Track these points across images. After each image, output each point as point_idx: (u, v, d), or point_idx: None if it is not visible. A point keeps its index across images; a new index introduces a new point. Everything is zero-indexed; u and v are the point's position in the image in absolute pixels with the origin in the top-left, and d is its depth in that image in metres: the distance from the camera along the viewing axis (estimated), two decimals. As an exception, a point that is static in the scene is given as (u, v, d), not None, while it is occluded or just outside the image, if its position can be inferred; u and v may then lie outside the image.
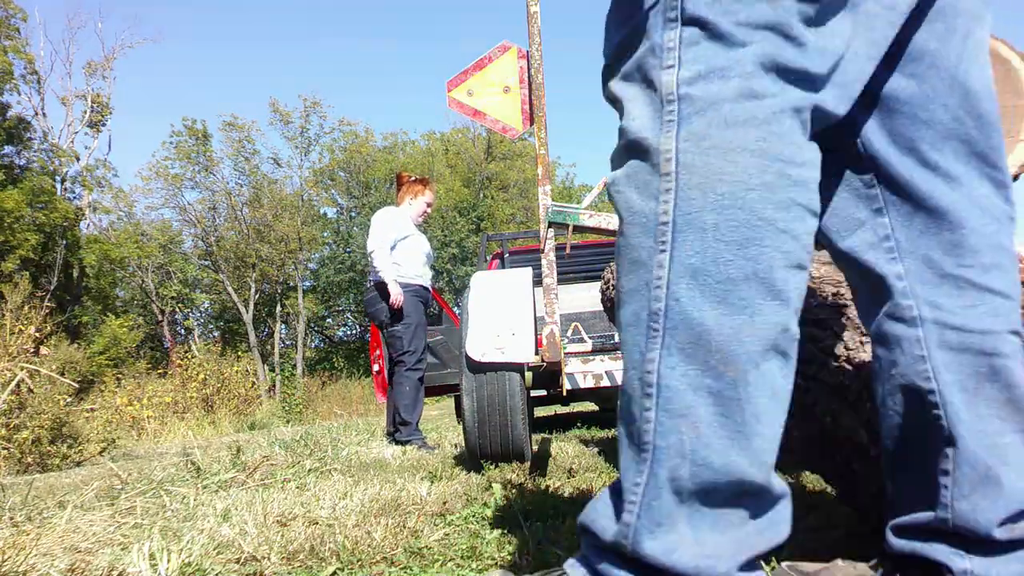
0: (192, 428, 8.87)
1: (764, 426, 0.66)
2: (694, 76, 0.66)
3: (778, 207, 0.65)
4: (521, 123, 2.54)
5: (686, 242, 0.64)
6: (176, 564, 1.33)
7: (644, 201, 0.67)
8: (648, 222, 0.66)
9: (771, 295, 0.65)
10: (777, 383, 0.67)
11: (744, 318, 0.64)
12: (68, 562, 1.39)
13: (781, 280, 0.65)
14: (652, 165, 0.66)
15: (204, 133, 23.56)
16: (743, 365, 0.64)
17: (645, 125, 0.68)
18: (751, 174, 0.64)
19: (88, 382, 10.87)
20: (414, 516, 1.72)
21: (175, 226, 24.18)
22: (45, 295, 7.07)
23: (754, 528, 0.68)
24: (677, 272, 0.65)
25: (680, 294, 0.64)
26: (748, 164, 0.64)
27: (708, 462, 0.64)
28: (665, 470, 0.65)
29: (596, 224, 2.34)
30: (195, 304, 25.23)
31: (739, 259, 0.64)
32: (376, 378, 5.82)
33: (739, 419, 0.65)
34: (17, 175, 19.14)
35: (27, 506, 2.05)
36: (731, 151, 0.64)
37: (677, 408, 0.65)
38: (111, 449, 5.68)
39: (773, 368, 0.66)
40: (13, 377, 4.49)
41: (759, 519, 0.68)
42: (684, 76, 0.66)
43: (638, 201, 0.67)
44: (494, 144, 27.63)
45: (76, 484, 2.98)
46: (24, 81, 20.49)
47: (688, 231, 0.64)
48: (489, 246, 7.47)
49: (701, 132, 0.65)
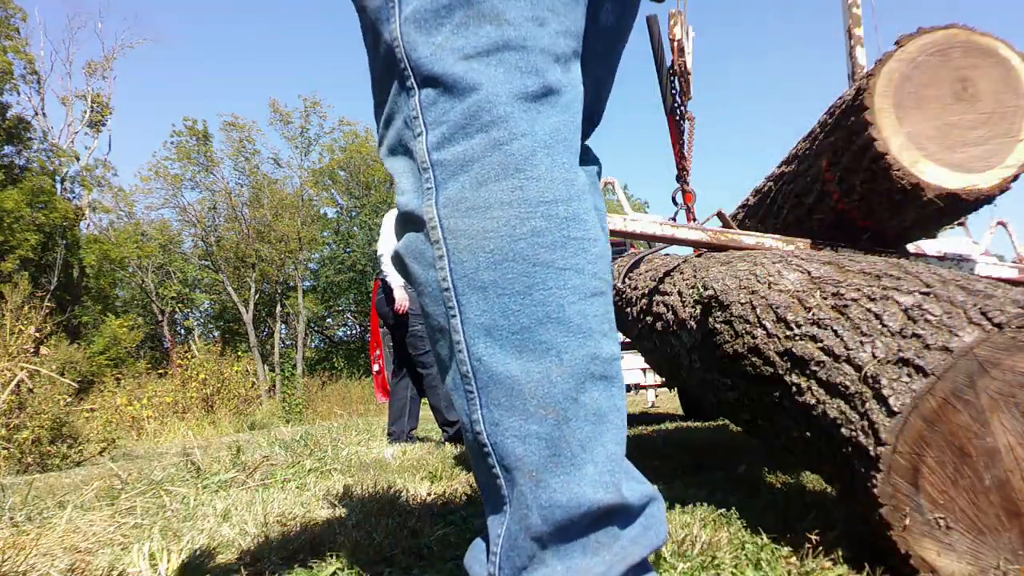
0: (192, 428, 8.87)
1: (594, 452, 0.65)
2: (440, 140, 0.65)
3: (552, 248, 0.64)
4: (521, 123, 2.53)
5: (471, 303, 0.64)
6: (176, 564, 1.33)
7: (424, 271, 0.67)
8: (433, 291, 0.66)
9: (571, 331, 0.65)
10: (600, 406, 0.67)
11: (551, 360, 0.64)
12: (68, 562, 1.39)
13: (577, 314, 0.65)
14: (424, 235, 0.66)
15: (204, 133, 23.56)
16: (561, 403, 0.64)
17: (411, 197, 0.67)
18: (514, 226, 0.63)
19: (88, 382, 10.87)
20: (414, 516, 1.72)
21: (175, 226, 24.19)
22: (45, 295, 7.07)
23: (628, 539, 0.67)
24: (471, 333, 0.65)
25: (481, 353, 0.64)
26: (509, 217, 0.63)
27: (555, 503, 0.64)
28: (517, 522, 0.65)
29: (596, 224, 2.34)
30: (195, 304, 25.23)
31: (527, 307, 0.63)
32: (376, 378, 5.81)
33: (569, 454, 0.64)
34: (17, 175, 19.13)
35: (27, 506, 2.05)
36: (489, 208, 0.63)
37: (511, 462, 0.65)
38: (111, 449, 5.68)
39: (593, 395, 0.66)
40: (13, 377, 4.49)
41: (629, 529, 0.67)
42: (432, 142, 0.66)
43: (420, 272, 0.67)
44: (494, 144, 27.53)
45: (76, 484, 2.97)
46: (24, 81, 20.51)
47: (470, 292, 0.64)
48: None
49: (457, 196, 0.64)
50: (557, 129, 0.66)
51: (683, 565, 1.19)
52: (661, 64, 2.62)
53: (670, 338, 2.12)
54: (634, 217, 2.37)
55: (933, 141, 1.79)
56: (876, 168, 1.83)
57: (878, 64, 1.82)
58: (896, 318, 1.17)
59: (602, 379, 0.67)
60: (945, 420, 1.02)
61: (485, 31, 0.63)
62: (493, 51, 0.63)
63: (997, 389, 1.02)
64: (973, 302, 1.11)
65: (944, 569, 1.01)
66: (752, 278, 1.61)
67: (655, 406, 8.66)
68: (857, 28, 2.47)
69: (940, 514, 1.02)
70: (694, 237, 2.26)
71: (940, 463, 1.03)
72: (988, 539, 1.01)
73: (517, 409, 0.64)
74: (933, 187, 1.77)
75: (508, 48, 0.64)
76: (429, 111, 0.65)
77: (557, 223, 0.64)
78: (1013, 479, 1.01)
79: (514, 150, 0.63)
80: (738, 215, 2.76)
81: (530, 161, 0.64)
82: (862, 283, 1.32)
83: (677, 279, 2.15)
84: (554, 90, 0.66)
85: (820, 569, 1.16)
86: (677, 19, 2.38)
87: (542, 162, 0.64)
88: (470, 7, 0.64)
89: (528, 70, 0.64)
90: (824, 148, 2.06)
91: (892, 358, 1.11)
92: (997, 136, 1.79)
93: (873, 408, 1.08)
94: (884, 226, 2.03)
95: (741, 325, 1.51)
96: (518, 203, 0.63)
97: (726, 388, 1.68)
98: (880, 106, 1.79)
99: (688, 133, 2.57)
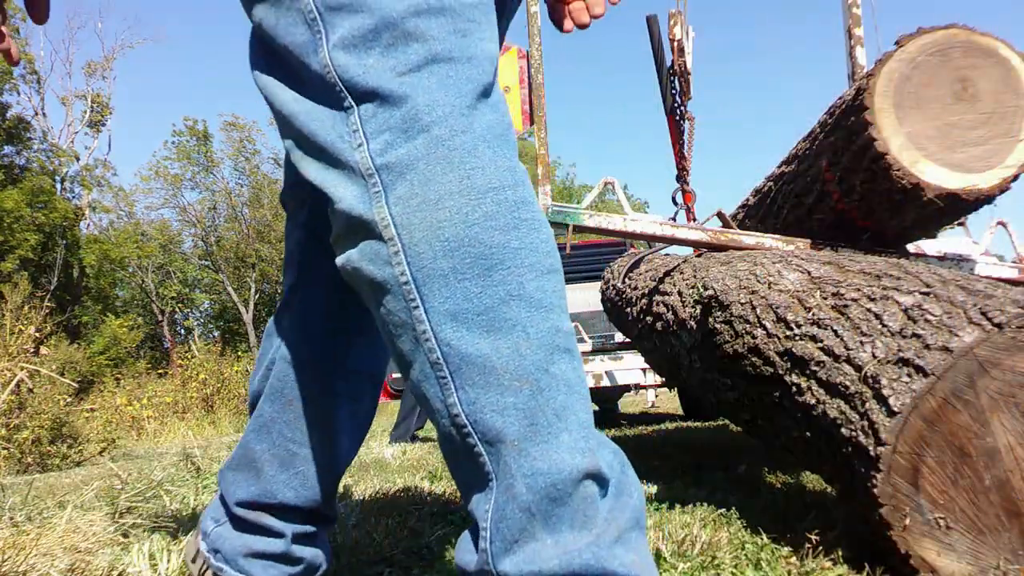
0: (192, 428, 8.87)
1: (568, 420, 0.69)
2: (383, 146, 0.68)
3: (506, 230, 0.67)
4: (521, 123, 2.54)
5: (433, 292, 0.67)
6: (176, 564, 1.33)
7: (381, 270, 0.69)
8: (393, 287, 0.68)
9: (533, 307, 0.68)
10: (569, 377, 0.70)
11: (518, 335, 0.67)
12: (68, 562, 1.39)
13: (537, 290, 0.69)
14: (376, 236, 0.68)
15: (205, 133, 23.57)
16: (534, 375, 0.67)
17: (355, 203, 0.69)
18: (466, 212, 0.66)
19: (88, 382, 10.88)
20: (414, 516, 1.72)
21: (175, 226, 24.20)
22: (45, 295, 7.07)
23: (610, 505, 0.70)
24: (437, 321, 0.67)
25: (449, 338, 0.67)
26: (460, 205, 0.66)
27: (537, 470, 0.66)
28: (504, 493, 0.68)
29: (596, 224, 2.34)
30: (195, 304, 25.23)
31: (489, 288, 0.66)
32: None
33: (545, 423, 0.67)
34: (17, 175, 19.14)
35: (27, 506, 2.05)
36: (440, 200, 0.66)
37: (493, 435, 0.67)
38: (111, 449, 5.68)
39: (561, 366, 0.69)
40: (13, 377, 4.49)
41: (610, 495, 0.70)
42: (375, 149, 0.68)
43: (376, 271, 0.69)
44: (494, 144, 27.56)
45: (76, 484, 2.98)
46: (24, 81, 20.53)
47: (430, 282, 0.67)
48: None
49: (407, 194, 0.67)
50: (493, 125, 0.70)
51: (683, 565, 1.19)
52: (661, 64, 2.62)
53: (670, 338, 2.12)
54: (634, 217, 2.37)
55: (933, 141, 1.79)
56: (876, 168, 1.83)
57: (878, 64, 1.82)
58: (896, 318, 1.17)
59: (566, 352, 0.70)
60: (945, 420, 1.02)
61: (413, 48, 0.68)
62: (424, 65, 0.68)
63: (997, 389, 1.02)
64: (973, 302, 1.11)
65: (944, 569, 1.01)
66: (752, 278, 1.61)
67: (655, 406, 8.67)
68: (857, 28, 2.47)
69: (940, 514, 1.02)
70: (694, 237, 2.26)
71: (940, 463, 1.03)
72: (988, 539, 1.01)
73: (492, 385, 0.67)
74: (933, 187, 1.77)
75: (437, 61, 0.68)
76: (369, 123, 0.68)
77: (507, 207, 0.68)
78: (1013, 479, 1.01)
79: (457, 145, 0.67)
80: (738, 215, 2.76)
81: (474, 153, 0.68)
82: (862, 283, 1.32)
83: (677, 279, 2.15)
84: (484, 92, 0.71)
85: (820, 569, 1.16)
86: (677, 19, 2.39)
87: (485, 153, 0.68)
88: (395, 28, 0.68)
89: (459, 77, 0.69)
90: (824, 148, 2.06)
91: (892, 358, 1.11)
92: (997, 136, 1.79)
93: (873, 408, 1.08)
94: (884, 226, 2.03)
95: (741, 325, 1.51)
96: (468, 192, 0.67)
97: (726, 388, 1.68)
98: (880, 106, 1.80)
99: (688, 133, 2.57)
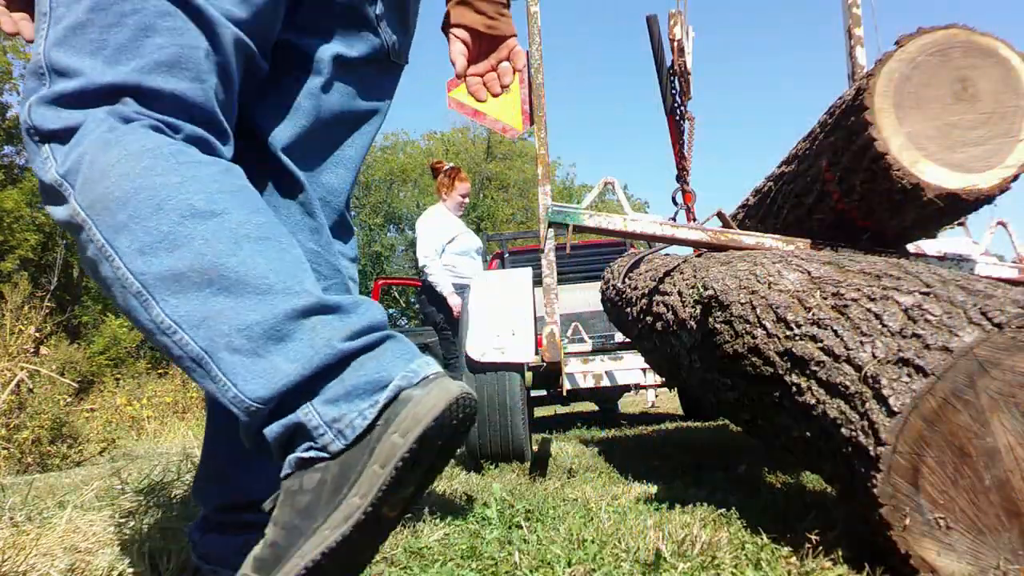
0: (192, 428, 8.86)
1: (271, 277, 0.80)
2: (63, 159, 0.85)
3: (167, 173, 0.81)
4: (521, 123, 2.54)
5: (120, 240, 0.81)
6: (176, 564, 1.33)
7: (87, 247, 0.83)
8: (95, 255, 0.83)
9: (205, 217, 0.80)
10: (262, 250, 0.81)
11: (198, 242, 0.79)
12: (68, 562, 1.39)
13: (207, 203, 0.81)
14: (74, 226, 0.84)
15: (204, 133, 23.53)
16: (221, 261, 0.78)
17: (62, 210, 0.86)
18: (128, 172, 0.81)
19: (88, 382, 10.87)
20: (414, 516, 1.72)
21: (175, 226, 24.14)
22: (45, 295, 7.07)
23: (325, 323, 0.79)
24: (129, 260, 0.80)
25: (141, 268, 0.80)
26: (122, 170, 0.81)
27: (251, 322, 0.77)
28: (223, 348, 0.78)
29: (596, 224, 2.34)
30: (195, 304, 25.20)
31: (163, 217, 0.79)
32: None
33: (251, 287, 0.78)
34: (17, 175, 19.14)
35: (27, 506, 2.05)
36: (105, 174, 0.81)
37: (197, 317, 0.78)
38: (111, 449, 5.67)
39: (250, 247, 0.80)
40: (13, 377, 4.49)
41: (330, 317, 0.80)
42: (59, 163, 0.86)
43: (90, 252, 0.84)
44: (494, 144, 27.61)
45: (76, 484, 2.97)
46: (24, 81, 20.50)
47: (115, 233, 0.81)
48: (489, 246, 7.46)
49: (82, 183, 0.83)
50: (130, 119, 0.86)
51: (683, 565, 1.19)
52: (661, 64, 2.62)
53: (670, 338, 2.12)
54: (634, 217, 2.37)
55: (933, 141, 1.79)
56: (876, 168, 1.83)
57: (878, 64, 1.82)
58: (896, 318, 1.17)
59: (260, 240, 0.81)
60: (945, 420, 1.02)
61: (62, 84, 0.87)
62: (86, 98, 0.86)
63: (997, 389, 1.02)
64: (973, 302, 1.11)
65: (944, 569, 1.01)
66: (752, 278, 1.61)
67: (655, 406, 8.66)
68: (857, 28, 2.47)
69: (940, 514, 1.02)
70: (694, 237, 2.26)
71: (940, 463, 1.03)
72: (988, 539, 1.01)
73: (186, 287, 0.79)
74: (933, 187, 1.77)
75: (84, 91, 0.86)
76: (56, 151, 0.87)
77: (164, 157, 0.82)
78: (1013, 479, 1.01)
79: (107, 136, 0.83)
80: (738, 215, 2.76)
81: (123, 138, 0.83)
82: (862, 283, 1.32)
83: (677, 279, 2.15)
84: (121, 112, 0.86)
85: (820, 569, 1.16)
86: (677, 19, 2.39)
87: (131, 134, 0.84)
88: (54, 67, 0.89)
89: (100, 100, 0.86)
90: (824, 148, 2.06)
91: (892, 358, 1.11)
92: (997, 136, 1.79)
93: (873, 408, 1.08)
94: (884, 226, 2.03)
95: (741, 325, 1.51)
96: (126, 159, 0.81)
97: (726, 388, 1.68)
98: (880, 106, 1.80)
99: (688, 133, 2.57)
